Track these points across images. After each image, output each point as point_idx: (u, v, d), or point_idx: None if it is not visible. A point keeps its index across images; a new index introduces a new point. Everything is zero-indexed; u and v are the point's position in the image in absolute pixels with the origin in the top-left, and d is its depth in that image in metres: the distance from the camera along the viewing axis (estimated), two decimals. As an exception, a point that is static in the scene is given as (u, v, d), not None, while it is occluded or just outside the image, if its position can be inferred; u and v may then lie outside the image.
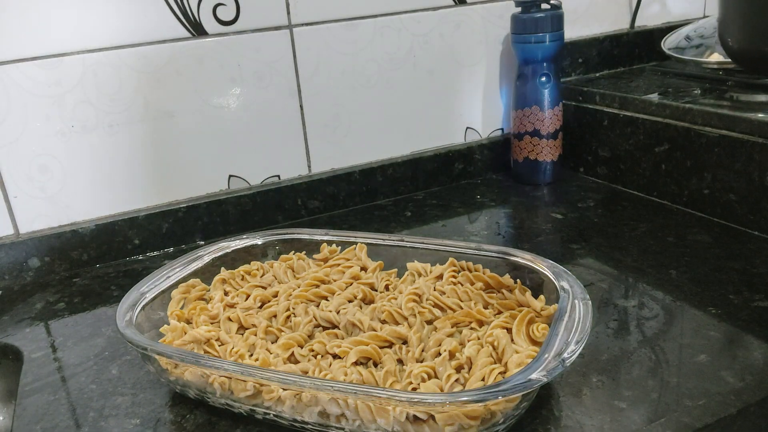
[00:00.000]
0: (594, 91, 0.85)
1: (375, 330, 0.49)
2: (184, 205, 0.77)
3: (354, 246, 0.60)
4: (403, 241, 0.59)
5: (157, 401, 0.49)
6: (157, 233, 0.76)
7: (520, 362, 0.42)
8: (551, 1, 0.81)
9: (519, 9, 0.82)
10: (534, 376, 0.37)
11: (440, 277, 0.55)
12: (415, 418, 0.39)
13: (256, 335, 0.50)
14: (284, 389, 0.42)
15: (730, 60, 0.71)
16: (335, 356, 0.47)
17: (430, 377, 0.43)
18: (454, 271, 0.55)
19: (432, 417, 0.39)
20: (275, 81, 0.77)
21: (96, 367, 0.54)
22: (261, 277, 0.60)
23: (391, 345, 0.47)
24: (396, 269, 0.59)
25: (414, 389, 0.42)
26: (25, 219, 0.71)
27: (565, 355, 0.39)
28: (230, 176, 0.79)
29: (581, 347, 0.40)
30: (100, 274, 0.72)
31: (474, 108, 0.90)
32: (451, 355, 0.44)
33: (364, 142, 0.85)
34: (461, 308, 0.50)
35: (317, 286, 0.56)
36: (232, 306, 0.55)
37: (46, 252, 0.72)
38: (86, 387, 0.51)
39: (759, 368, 0.46)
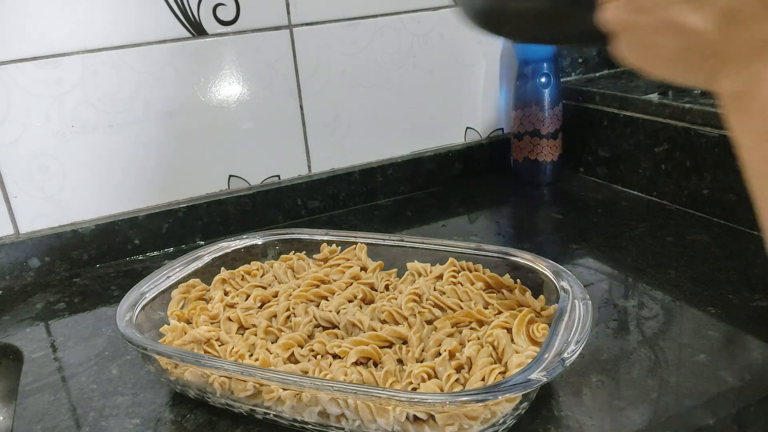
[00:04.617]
0: (594, 91, 0.85)
1: (375, 330, 0.49)
2: (184, 205, 0.77)
3: (354, 246, 0.60)
4: (403, 241, 0.59)
5: (157, 401, 0.49)
6: (157, 233, 0.76)
7: (520, 362, 0.42)
8: (551, 1, 0.81)
9: (519, 9, 0.82)
10: (534, 376, 0.37)
11: (440, 277, 0.55)
12: (415, 418, 0.39)
13: (256, 335, 0.50)
14: (284, 389, 0.42)
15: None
16: (335, 356, 0.47)
17: (430, 377, 0.43)
18: (454, 271, 0.55)
19: (432, 417, 0.39)
20: (275, 81, 0.78)
21: (96, 367, 0.54)
22: (261, 277, 0.60)
23: (391, 345, 0.47)
24: (396, 269, 0.59)
25: (414, 389, 0.42)
26: (25, 219, 0.71)
27: (565, 355, 0.39)
28: (230, 176, 0.79)
29: (581, 347, 0.40)
30: (100, 274, 0.72)
31: (474, 108, 0.90)
32: (451, 355, 0.44)
33: (364, 142, 0.85)
34: (461, 308, 0.50)
35: (317, 286, 0.56)
36: (232, 306, 0.55)
37: (46, 252, 0.72)
38: (86, 387, 0.51)
39: (758, 368, 0.46)
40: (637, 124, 0.79)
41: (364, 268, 0.59)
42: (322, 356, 0.47)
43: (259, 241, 0.63)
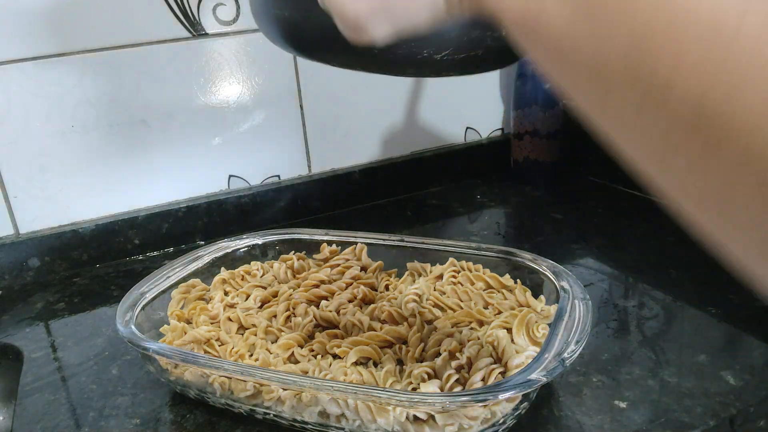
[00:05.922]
0: (594, 91, 0.85)
1: (375, 330, 0.49)
2: (184, 205, 0.77)
3: (354, 246, 0.60)
4: (403, 241, 0.59)
5: (157, 401, 0.49)
6: (157, 233, 0.76)
7: (520, 362, 0.42)
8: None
9: (519, 9, 0.82)
10: (534, 376, 0.37)
11: (440, 277, 0.55)
12: (415, 418, 0.39)
13: (256, 335, 0.50)
14: (284, 389, 0.42)
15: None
16: (335, 356, 0.47)
17: (430, 377, 0.43)
18: (454, 271, 0.55)
19: (432, 417, 0.39)
20: (275, 81, 0.77)
21: (96, 367, 0.54)
22: (261, 277, 0.60)
23: (391, 345, 0.47)
24: (396, 269, 0.59)
25: (414, 389, 0.42)
26: (25, 219, 0.71)
27: (565, 355, 0.39)
28: (230, 176, 0.79)
29: (581, 347, 0.40)
30: (100, 274, 0.72)
31: (474, 108, 0.90)
32: (451, 355, 0.44)
33: (364, 142, 0.85)
34: (461, 308, 0.50)
35: (317, 287, 0.56)
36: (232, 306, 0.55)
37: (46, 252, 0.72)
38: (86, 387, 0.51)
39: (759, 368, 0.46)
40: (637, 124, 0.78)
41: (364, 269, 0.59)
42: (322, 356, 0.47)
43: (259, 241, 0.63)
